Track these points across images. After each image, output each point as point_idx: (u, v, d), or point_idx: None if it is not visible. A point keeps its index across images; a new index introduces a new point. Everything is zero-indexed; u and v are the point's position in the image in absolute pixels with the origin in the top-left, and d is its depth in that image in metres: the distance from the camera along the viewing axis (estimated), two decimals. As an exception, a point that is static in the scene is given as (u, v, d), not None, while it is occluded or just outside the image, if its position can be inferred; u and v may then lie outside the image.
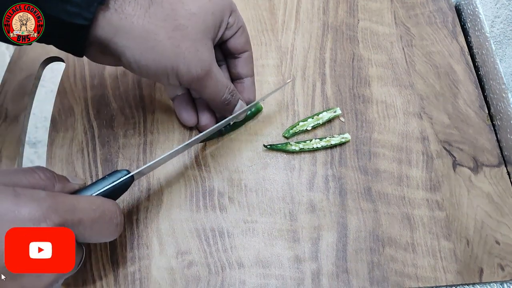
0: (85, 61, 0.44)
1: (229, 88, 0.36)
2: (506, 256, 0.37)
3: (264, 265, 0.36)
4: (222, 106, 0.37)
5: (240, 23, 0.37)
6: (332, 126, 0.42)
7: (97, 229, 0.28)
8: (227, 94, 0.36)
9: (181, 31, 0.32)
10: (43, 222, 0.23)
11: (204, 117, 0.39)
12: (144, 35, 0.31)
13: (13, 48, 0.69)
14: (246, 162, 0.40)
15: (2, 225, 0.22)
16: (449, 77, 0.45)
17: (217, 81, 0.35)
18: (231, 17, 0.35)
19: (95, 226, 0.28)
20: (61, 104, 0.42)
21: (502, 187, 0.40)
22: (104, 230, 0.29)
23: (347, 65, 0.45)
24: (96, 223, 0.28)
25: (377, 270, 0.36)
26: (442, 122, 0.43)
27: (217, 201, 0.38)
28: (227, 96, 0.36)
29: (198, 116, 0.40)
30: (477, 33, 0.47)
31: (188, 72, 0.33)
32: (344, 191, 0.39)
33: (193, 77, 0.33)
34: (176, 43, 0.32)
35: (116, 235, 0.30)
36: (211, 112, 0.40)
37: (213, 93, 0.35)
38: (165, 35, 0.31)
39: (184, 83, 0.34)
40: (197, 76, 0.33)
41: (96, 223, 0.28)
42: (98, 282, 0.35)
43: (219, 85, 0.35)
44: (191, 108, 0.39)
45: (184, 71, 0.33)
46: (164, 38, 0.31)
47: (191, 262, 0.36)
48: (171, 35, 0.31)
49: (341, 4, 0.49)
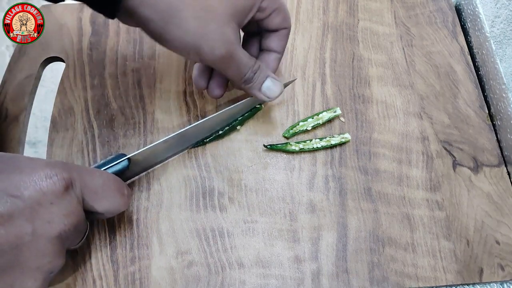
0: (85, 61, 0.45)
1: (252, 66, 0.36)
2: (506, 256, 0.37)
3: (264, 265, 0.36)
4: (244, 84, 0.36)
5: (275, 5, 0.36)
6: (332, 126, 0.42)
7: (103, 195, 0.30)
8: (250, 72, 0.36)
9: (209, 12, 0.31)
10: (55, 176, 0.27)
11: (213, 85, 0.39)
12: (169, 10, 0.30)
13: (13, 48, 0.69)
14: (246, 162, 0.40)
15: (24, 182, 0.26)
16: (449, 77, 0.45)
17: (240, 62, 0.35)
18: (264, 2, 0.35)
19: (101, 191, 0.30)
20: (61, 104, 0.42)
21: (502, 187, 0.40)
22: (111, 198, 0.31)
23: (347, 65, 0.45)
24: (102, 188, 0.30)
25: (377, 270, 0.36)
26: (442, 122, 0.43)
27: (217, 201, 0.38)
28: (249, 75, 0.36)
29: (209, 83, 0.39)
30: (477, 33, 0.47)
31: (211, 53, 0.33)
32: (344, 191, 0.39)
33: (216, 58, 0.33)
34: (202, 24, 0.31)
35: (123, 206, 0.32)
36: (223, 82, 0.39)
37: (235, 74, 0.35)
38: (192, 14, 0.31)
39: (206, 62, 0.34)
40: (220, 57, 0.33)
41: (102, 189, 0.30)
42: (98, 282, 0.35)
43: (241, 67, 0.35)
44: (207, 75, 0.39)
45: (207, 52, 0.32)
46: (190, 17, 0.31)
47: (191, 262, 0.36)
48: (198, 14, 0.31)
49: (341, 4, 0.49)
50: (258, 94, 0.37)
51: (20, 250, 0.25)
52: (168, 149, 0.38)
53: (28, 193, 0.26)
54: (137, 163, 0.36)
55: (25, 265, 0.26)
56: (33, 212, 0.26)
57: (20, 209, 0.25)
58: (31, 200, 0.26)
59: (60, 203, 0.27)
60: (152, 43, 0.46)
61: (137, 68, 0.44)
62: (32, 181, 0.26)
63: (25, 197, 0.26)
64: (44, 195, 0.26)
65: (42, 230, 0.26)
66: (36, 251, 0.26)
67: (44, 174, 0.27)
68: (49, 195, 0.27)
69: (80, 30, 0.46)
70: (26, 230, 0.26)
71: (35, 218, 0.26)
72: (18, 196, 0.26)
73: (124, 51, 0.45)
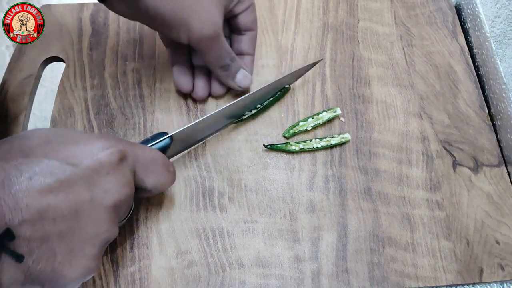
0: (85, 61, 0.45)
1: (230, 54, 0.38)
2: (506, 256, 0.37)
3: (264, 265, 0.36)
4: (221, 71, 0.39)
5: (250, 2, 0.39)
6: (332, 126, 0.42)
7: (153, 169, 0.32)
8: (228, 60, 0.38)
9: None
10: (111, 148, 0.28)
11: (199, 85, 0.41)
12: None
13: (13, 48, 0.69)
14: (246, 162, 0.40)
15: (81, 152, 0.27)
16: (449, 77, 0.45)
17: (222, 46, 0.37)
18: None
19: (151, 166, 0.31)
20: (61, 104, 0.42)
21: (502, 187, 0.40)
22: (159, 173, 0.32)
23: (347, 65, 0.45)
24: (151, 163, 0.32)
25: (377, 270, 0.36)
26: (442, 122, 0.43)
27: (217, 201, 0.38)
28: (227, 61, 0.38)
29: (194, 84, 0.41)
30: (477, 33, 0.47)
31: (200, 30, 0.34)
32: (344, 191, 0.39)
33: (203, 36, 0.35)
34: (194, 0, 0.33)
35: (170, 183, 0.34)
36: (207, 82, 0.41)
37: (216, 57, 0.37)
38: None
39: (192, 40, 0.35)
40: (207, 36, 0.35)
41: (151, 163, 0.32)
42: (98, 282, 0.35)
43: (223, 50, 0.37)
44: (189, 76, 0.41)
45: (197, 28, 0.34)
46: None
47: (191, 262, 0.36)
48: None
49: (341, 4, 0.49)
50: (231, 82, 0.40)
51: (79, 217, 0.26)
52: (207, 127, 0.39)
53: (86, 162, 0.27)
54: (178, 141, 0.36)
55: (84, 232, 0.26)
56: (90, 181, 0.27)
57: (79, 177, 0.26)
58: (88, 169, 0.27)
59: (116, 174, 0.28)
60: (152, 43, 0.46)
61: (137, 68, 0.44)
62: (89, 152, 0.27)
63: (83, 166, 0.26)
64: (101, 165, 0.27)
65: (99, 199, 0.27)
66: (94, 218, 0.27)
67: (101, 145, 0.28)
68: (105, 166, 0.27)
69: (80, 30, 0.46)
70: (84, 198, 0.26)
71: (92, 187, 0.27)
72: (77, 165, 0.26)
73: (124, 51, 0.45)
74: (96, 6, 0.48)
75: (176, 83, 0.41)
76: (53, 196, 0.25)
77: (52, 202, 0.25)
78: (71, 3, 0.48)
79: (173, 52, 0.41)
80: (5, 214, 0.23)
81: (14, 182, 0.24)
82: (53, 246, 0.25)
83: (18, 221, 0.23)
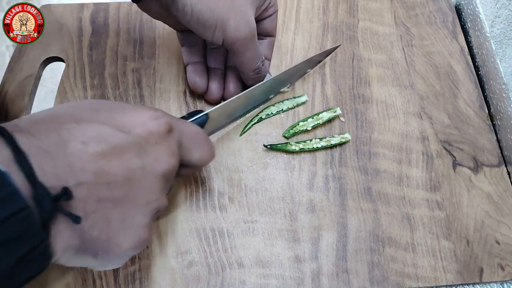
0: (85, 61, 0.45)
1: (262, 57, 0.38)
2: (506, 256, 0.37)
3: (264, 265, 0.36)
4: (254, 74, 0.38)
5: (277, 8, 0.39)
6: (332, 126, 0.42)
7: (197, 143, 0.32)
8: (260, 62, 0.38)
9: None
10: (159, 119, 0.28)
11: (214, 86, 0.41)
12: None
13: (13, 48, 0.69)
14: (246, 162, 0.40)
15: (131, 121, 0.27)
16: (449, 77, 0.45)
17: (257, 47, 0.37)
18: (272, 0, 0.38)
19: (195, 140, 0.31)
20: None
21: (502, 187, 0.40)
22: (202, 147, 0.32)
23: (347, 65, 0.45)
24: (195, 137, 0.32)
25: (377, 270, 0.36)
26: (442, 122, 0.43)
27: (217, 201, 0.38)
28: (259, 64, 0.38)
29: (208, 85, 0.41)
30: (477, 33, 0.47)
31: (236, 30, 0.34)
32: (344, 191, 0.39)
33: (239, 36, 0.34)
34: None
35: (211, 157, 0.33)
36: (221, 84, 0.41)
37: (250, 59, 0.37)
38: None
39: (228, 40, 0.35)
40: (243, 37, 0.35)
41: (195, 137, 0.32)
42: (98, 282, 0.35)
43: (257, 52, 0.37)
44: (205, 76, 0.41)
45: (233, 28, 0.34)
46: None
47: (191, 262, 0.36)
48: None
49: (341, 4, 0.49)
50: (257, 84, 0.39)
51: (132, 184, 0.26)
52: (242, 107, 0.40)
53: (137, 130, 0.27)
54: (213, 119, 0.37)
55: (136, 199, 0.26)
56: (141, 149, 0.26)
57: (131, 144, 0.26)
58: (139, 137, 0.26)
59: (164, 144, 0.28)
60: (152, 43, 0.46)
61: (137, 68, 0.44)
62: (139, 121, 0.27)
63: (134, 134, 0.26)
64: (151, 134, 0.27)
65: (150, 167, 0.27)
66: (145, 186, 0.26)
67: (149, 115, 0.28)
68: (154, 135, 0.27)
69: (80, 30, 0.46)
70: (136, 165, 0.26)
71: (143, 155, 0.26)
72: (128, 132, 0.26)
73: (124, 51, 0.45)
74: (96, 6, 0.48)
75: (191, 83, 0.41)
76: (107, 161, 0.24)
77: (106, 167, 0.24)
78: (71, 3, 0.48)
79: (188, 51, 0.41)
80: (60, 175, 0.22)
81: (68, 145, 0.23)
82: (108, 213, 0.24)
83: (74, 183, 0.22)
